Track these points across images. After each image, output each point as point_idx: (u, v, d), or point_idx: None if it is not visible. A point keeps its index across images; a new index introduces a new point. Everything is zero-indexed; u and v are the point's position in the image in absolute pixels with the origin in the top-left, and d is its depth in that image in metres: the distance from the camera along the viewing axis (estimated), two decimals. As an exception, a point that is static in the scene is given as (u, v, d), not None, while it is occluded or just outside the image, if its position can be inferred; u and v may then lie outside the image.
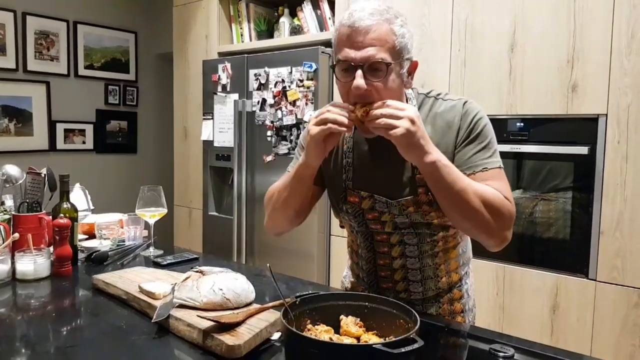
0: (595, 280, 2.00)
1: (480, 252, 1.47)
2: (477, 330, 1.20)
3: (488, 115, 1.19)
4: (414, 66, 1.14)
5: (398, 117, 1.00)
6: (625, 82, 1.89)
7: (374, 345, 0.80)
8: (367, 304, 1.02)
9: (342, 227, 1.38)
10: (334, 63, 1.12)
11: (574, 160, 2.04)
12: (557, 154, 2.07)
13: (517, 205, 2.12)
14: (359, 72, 1.05)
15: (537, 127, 2.13)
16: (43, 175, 1.71)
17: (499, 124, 2.15)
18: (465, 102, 1.18)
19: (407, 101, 1.19)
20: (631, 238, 1.91)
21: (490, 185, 1.10)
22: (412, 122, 1.00)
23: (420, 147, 1.02)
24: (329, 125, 1.05)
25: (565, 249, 2.09)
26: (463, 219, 1.10)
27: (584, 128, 2.00)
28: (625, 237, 1.92)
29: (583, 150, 1.99)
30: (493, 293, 2.24)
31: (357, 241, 1.32)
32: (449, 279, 1.27)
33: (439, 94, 1.22)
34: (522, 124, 2.16)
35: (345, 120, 1.05)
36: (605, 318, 1.97)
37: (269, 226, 1.36)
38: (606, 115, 1.94)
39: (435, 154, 1.03)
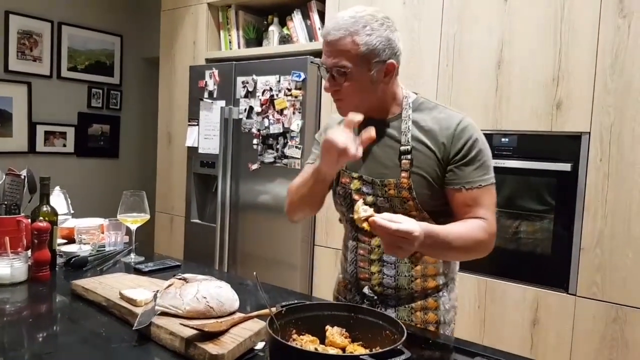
0: (575, 295, 2.02)
1: (462, 265, 1.48)
2: (461, 343, 1.20)
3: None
4: (388, 68, 1.22)
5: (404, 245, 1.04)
6: (608, 102, 1.94)
7: (361, 356, 0.79)
8: (353, 314, 1.01)
9: (340, 221, 1.44)
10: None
11: (557, 177, 2.07)
12: (540, 169, 2.09)
13: (500, 220, 2.15)
14: (327, 76, 1.23)
15: (521, 143, 2.16)
16: (23, 177, 1.67)
17: (484, 138, 2.18)
18: (463, 118, 1.25)
19: (403, 98, 1.29)
20: (611, 255, 1.94)
21: (477, 204, 1.21)
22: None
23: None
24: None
25: (546, 264, 2.11)
26: (453, 259, 1.34)
27: (567, 145, 2.03)
28: (605, 254, 1.95)
29: (566, 167, 2.02)
30: (474, 306, 2.25)
31: (346, 232, 1.40)
32: (424, 283, 1.30)
33: (440, 104, 1.32)
34: (507, 140, 2.19)
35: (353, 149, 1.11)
36: (585, 333, 1.99)
37: (288, 213, 1.44)
38: (589, 133, 1.98)
39: (418, 241, 1.05)
